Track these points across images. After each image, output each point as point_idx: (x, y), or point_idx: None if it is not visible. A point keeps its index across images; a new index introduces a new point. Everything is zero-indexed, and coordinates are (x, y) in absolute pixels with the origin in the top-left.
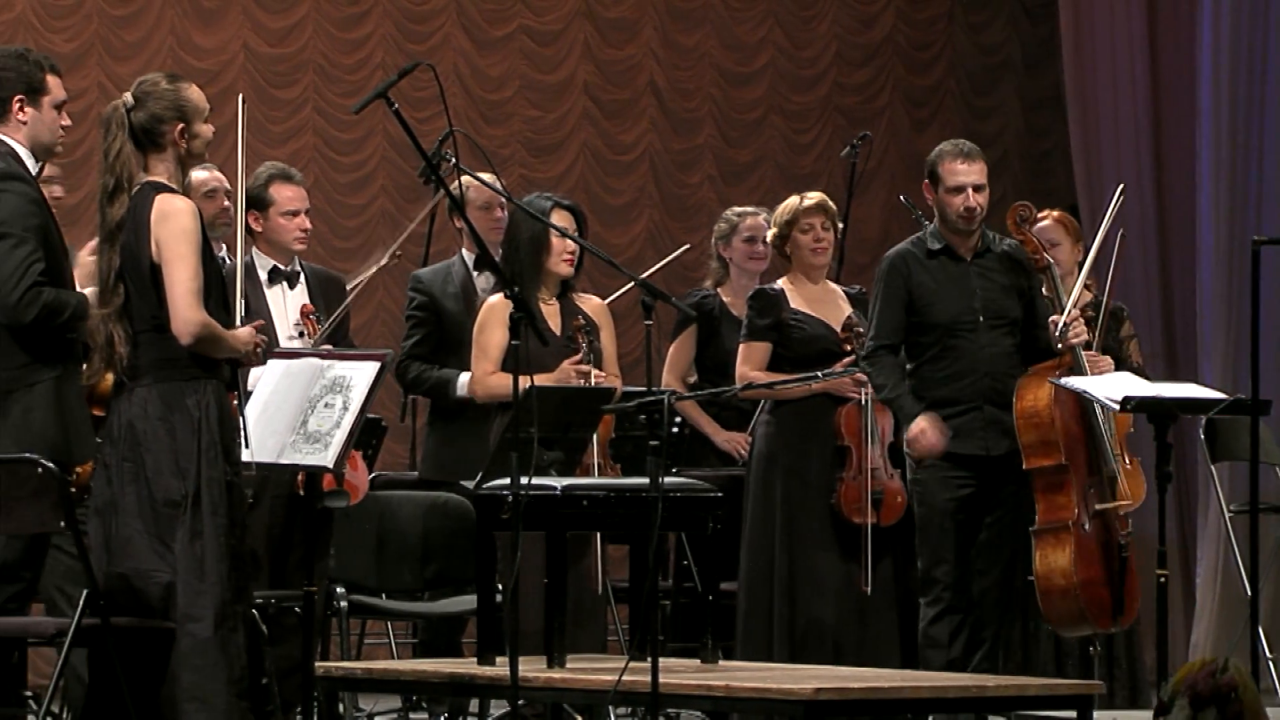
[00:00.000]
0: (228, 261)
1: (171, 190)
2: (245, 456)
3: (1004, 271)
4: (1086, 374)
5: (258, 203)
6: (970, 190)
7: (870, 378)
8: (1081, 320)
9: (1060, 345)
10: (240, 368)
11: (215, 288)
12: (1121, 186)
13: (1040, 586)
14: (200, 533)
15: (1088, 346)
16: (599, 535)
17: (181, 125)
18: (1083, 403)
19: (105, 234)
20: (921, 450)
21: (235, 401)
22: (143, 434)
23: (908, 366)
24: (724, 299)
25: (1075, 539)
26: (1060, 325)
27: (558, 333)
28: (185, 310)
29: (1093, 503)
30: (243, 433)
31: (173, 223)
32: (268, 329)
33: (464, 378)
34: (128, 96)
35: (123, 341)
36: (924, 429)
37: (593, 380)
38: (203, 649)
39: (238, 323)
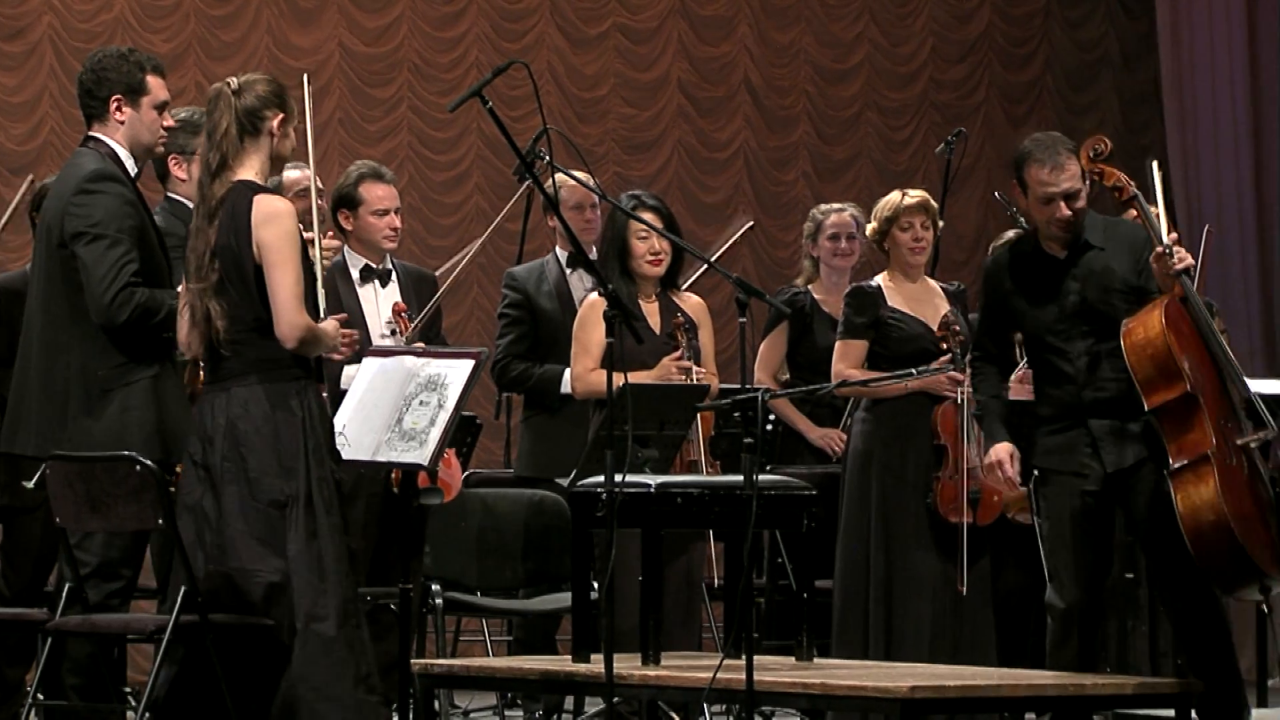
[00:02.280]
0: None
1: (268, 190)
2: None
3: (1107, 263)
4: (1197, 300)
5: (348, 201)
6: (1061, 202)
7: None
8: (1183, 246)
9: (1168, 274)
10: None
11: (310, 288)
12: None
13: (1189, 532)
14: (316, 532)
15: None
16: (711, 533)
17: (282, 116)
18: (1202, 325)
19: (206, 211)
20: (996, 482)
21: (324, 394)
22: (244, 434)
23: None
24: (815, 296)
25: (1219, 469)
26: (1161, 253)
27: (657, 331)
28: (291, 314)
29: (1232, 436)
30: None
31: (276, 225)
32: (359, 327)
33: (567, 374)
34: (233, 80)
35: (220, 315)
36: (996, 462)
37: (693, 377)
38: (329, 647)
39: (322, 318)
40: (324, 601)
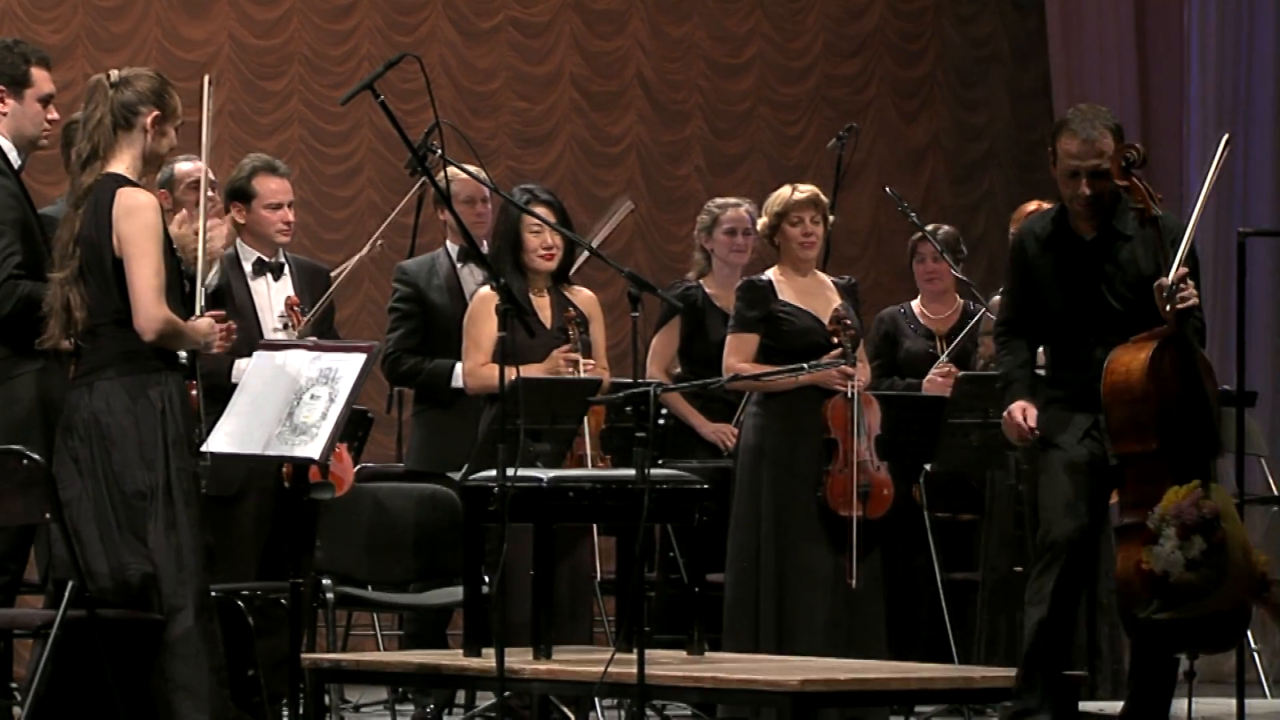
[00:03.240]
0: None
1: (133, 184)
2: (218, 446)
3: (1134, 254)
4: (1194, 341)
5: (241, 195)
6: (1085, 179)
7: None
8: (1191, 283)
9: (1168, 309)
10: (199, 358)
11: (175, 282)
12: (1227, 136)
13: (1119, 590)
14: (175, 524)
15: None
16: (595, 527)
17: (157, 114)
18: (1190, 369)
19: (74, 200)
20: (1009, 433)
21: (194, 391)
22: (107, 427)
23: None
24: (708, 290)
25: None
26: (1167, 288)
27: (549, 325)
28: (149, 307)
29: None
30: (201, 423)
31: (136, 218)
32: (251, 320)
33: (459, 368)
34: (114, 72)
35: (79, 306)
36: (1011, 412)
37: (582, 371)
38: (187, 638)
39: (198, 313)
40: (182, 592)
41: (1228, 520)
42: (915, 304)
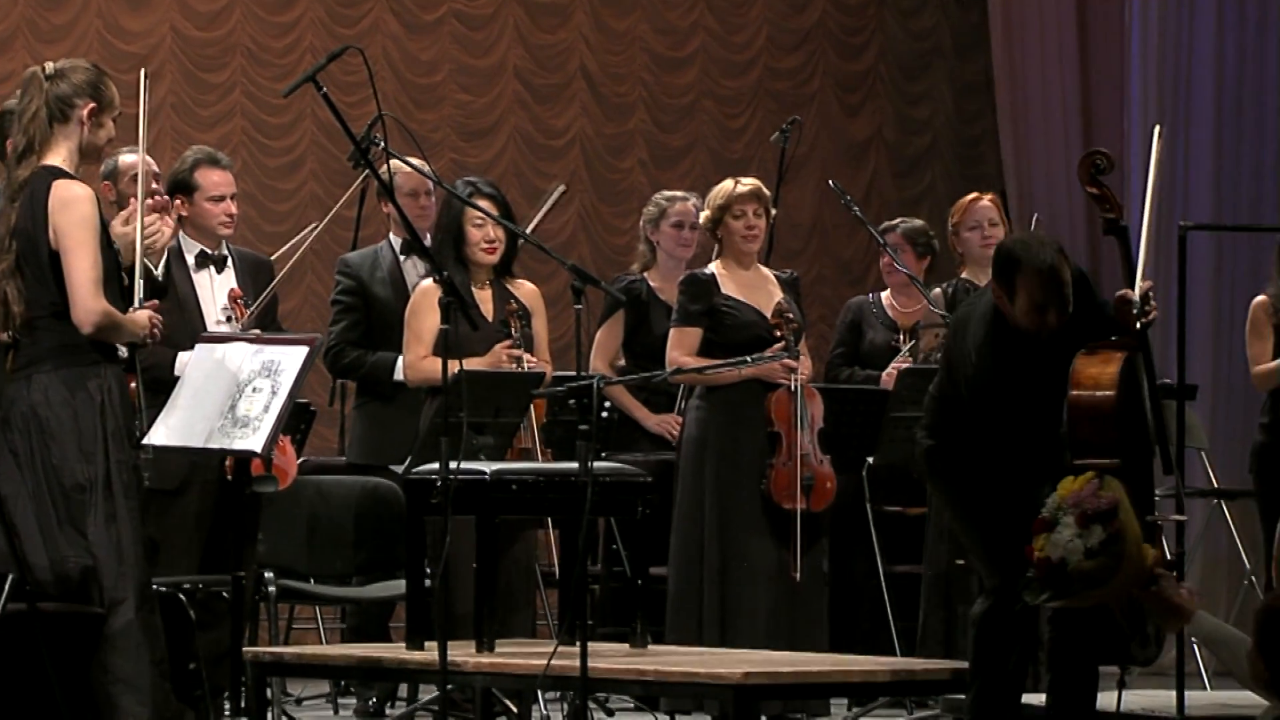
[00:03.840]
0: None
1: (69, 176)
2: (160, 439)
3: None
4: (1149, 355)
5: (183, 187)
6: (1053, 310)
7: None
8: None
9: (1137, 325)
10: (139, 350)
11: (113, 274)
12: (1158, 127)
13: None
14: (115, 516)
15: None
16: (550, 520)
17: (93, 106)
18: (1143, 385)
19: (9, 194)
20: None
21: (134, 384)
22: (45, 420)
23: None
24: (652, 283)
25: None
26: (1135, 303)
27: (490, 318)
28: (86, 299)
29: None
30: (141, 416)
31: (72, 210)
32: (194, 313)
33: (400, 361)
34: (49, 65)
35: (15, 299)
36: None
37: (524, 365)
38: (127, 632)
39: (136, 306)
40: (122, 585)
41: (1124, 511)
42: (885, 295)
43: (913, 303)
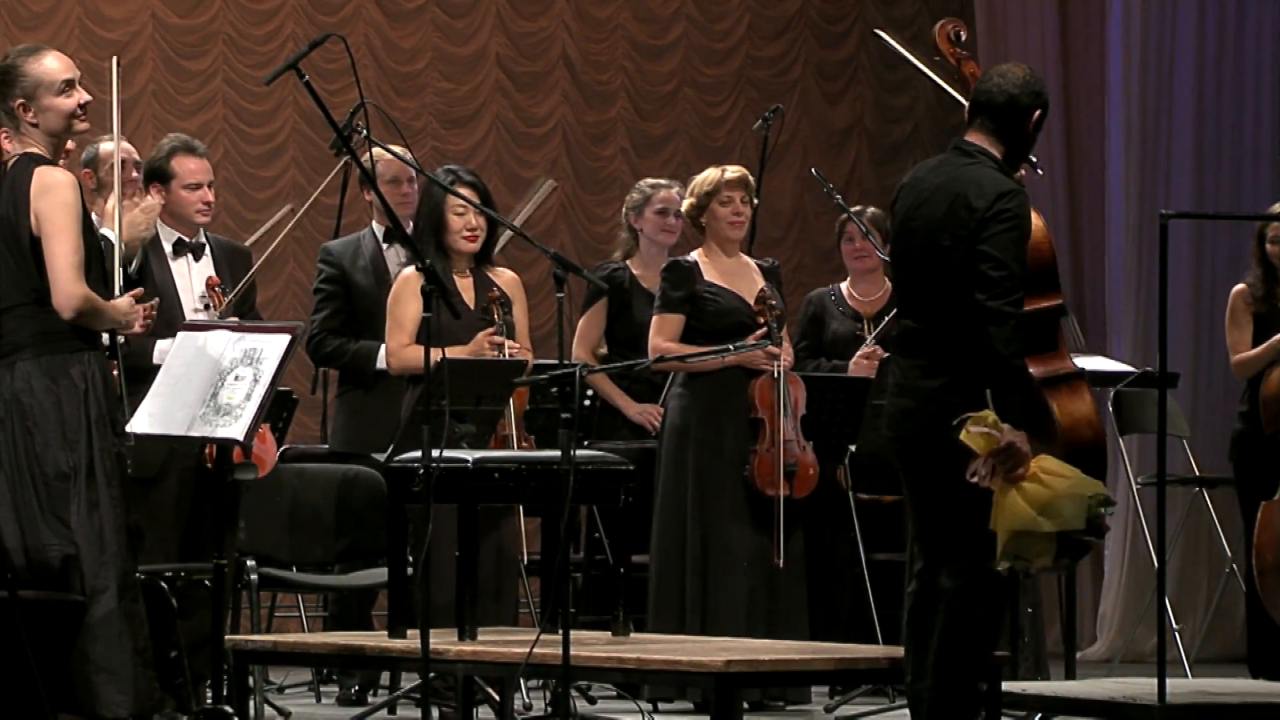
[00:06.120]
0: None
1: (50, 162)
2: (143, 427)
3: None
4: None
5: (160, 175)
6: None
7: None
8: None
9: None
10: (119, 336)
11: (95, 261)
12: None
13: None
14: (97, 504)
15: None
16: (520, 508)
17: (20, 101)
18: None
19: None
20: None
21: (116, 371)
22: (28, 408)
23: None
24: (634, 271)
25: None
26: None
27: (472, 306)
28: (68, 285)
29: None
30: (124, 403)
31: (53, 196)
32: (172, 302)
33: (382, 350)
34: None
35: None
36: None
37: (506, 353)
38: (109, 620)
39: (116, 293)
40: (104, 574)
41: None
42: (844, 286)
43: (873, 290)
